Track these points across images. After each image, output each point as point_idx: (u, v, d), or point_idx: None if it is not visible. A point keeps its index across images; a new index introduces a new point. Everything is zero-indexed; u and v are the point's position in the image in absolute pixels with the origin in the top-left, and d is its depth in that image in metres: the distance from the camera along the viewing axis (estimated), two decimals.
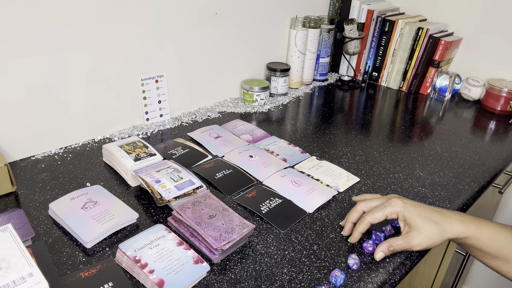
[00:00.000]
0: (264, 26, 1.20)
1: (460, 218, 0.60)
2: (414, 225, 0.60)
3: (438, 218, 0.60)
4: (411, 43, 1.28)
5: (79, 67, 0.85)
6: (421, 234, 0.59)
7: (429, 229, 0.59)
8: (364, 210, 0.66)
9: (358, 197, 0.72)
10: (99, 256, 0.62)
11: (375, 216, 0.63)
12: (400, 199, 0.63)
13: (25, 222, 0.64)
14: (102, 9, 0.83)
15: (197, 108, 1.12)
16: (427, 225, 0.59)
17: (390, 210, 0.62)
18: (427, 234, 0.59)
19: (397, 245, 0.61)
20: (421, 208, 0.61)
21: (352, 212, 0.67)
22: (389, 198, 0.65)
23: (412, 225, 0.60)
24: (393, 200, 0.63)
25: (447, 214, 0.61)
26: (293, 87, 1.31)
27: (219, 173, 0.82)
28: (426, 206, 0.62)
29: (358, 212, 0.66)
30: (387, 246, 0.62)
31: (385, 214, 0.62)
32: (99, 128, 0.94)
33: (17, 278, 0.45)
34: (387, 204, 0.63)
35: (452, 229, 0.59)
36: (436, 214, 0.60)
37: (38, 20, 0.76)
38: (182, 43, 1.01)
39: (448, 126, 1.12)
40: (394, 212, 0.62)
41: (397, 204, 0.62)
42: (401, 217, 0.62)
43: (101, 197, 0.71)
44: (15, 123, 0.81)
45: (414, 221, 0.60)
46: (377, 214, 0.63)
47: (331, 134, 1.03)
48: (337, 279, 0.59)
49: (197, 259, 0.60)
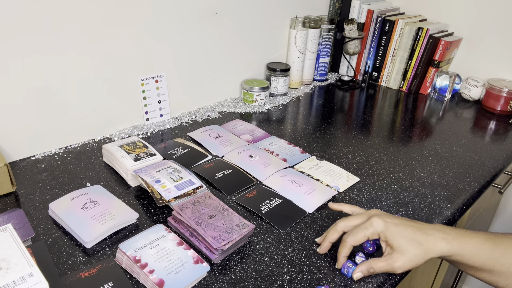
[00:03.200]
0: (264, 26, 1.20)
1: (443, 235, 0.57)
2: (397, 247, 0.57)
3: (421, 238, 0.57)
4: (411, 43, 1.28)
5: (79, 67, 0.85)
6: (404, 256, 0.56)
7: (412, 250, 0.56)
8: (344, 230, 0.62)
9: (336, 206, 0.69)
10: (99, 256, 0.62)
11: (356, 238, 0.60)
12: (381, 218, 0.60)
13: (25, 222, 0.64)
14: (102, 10, 0.83)
15: (197, 108, 1.12)
16: (409, 247, 0.56)
17: (371, 231, 0.59)
18: (410, 256, 0.56)
19: (378, 267, 0.58)
20: (403, 227, 0.58)
21: (331, 231, 0.63)
22: (370, 215, 0.61)
23: (394, 247, 0.57)
24: (374, 220, 0.59)
25: (430, 231, 0.58)
26: (293, 87, 1.31)
27: (219, 173, 0.82)
28: (408, 224, 0.59)
29: (337, 232, 0.63)
30: (367, 267, 0.59)
31: (366, 236, 0.59)
32: (99, 128, 0.94)
33: (17, 278, 0.45)
34: (368, 224, 0.59)
35: (435, 249, 0.56)
36: (419, 234, 0.57)
37: (38, 21, 0.76)
38: (182, 43, 1.01)
39: (448, 126, 1.12)
40: (375, 233, 0.59)
41: (378, 224, 0.59)
42: (382, 237, 0.59)
43: (101, 197, 0.71)
44: (15, 123, 0.81)
45: (396, 243, 0.57)
46: (358, 236, 0.59)
47: (331, 134, 1.03)
48: (349, 270, 0.60)
49: (197, 259, 0.60)
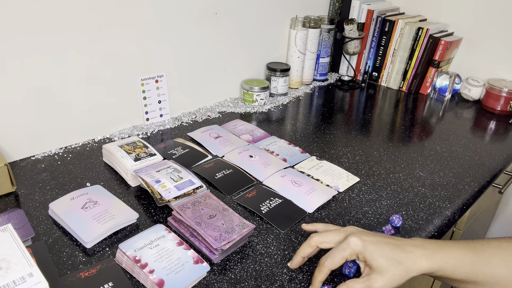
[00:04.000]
0: (264, 26, 1.20)
1: (423, 251, 0.55)
2: (376, 267, 0.54)
3: (400, 256, 0.54)
4: (411, 43, 1.28)
5: (79, 67, 0.85)
6: (384, 277, 0.54)
7: (392, 270, 0.54)
8: (319, 245, 0.59)
9: (309, 226, 0.65)
10: (99, 256, 0.62)
11: (333, 262, 0.56)
12: (358, 236, 0.56)
13: (25, 222, 0.64)
14: (102, 11, 0.83)
15: (197, 108, 1.12)
16: (389, 266, 0.54)
17: (349, 252, 0.56)
18: (390, 277, 0.54)
19: None
20: (382, 246, 0.55)
21: (304, 246, 0.60)
22: (346, 233, 0.58)
23: (373, 267, 0.55)
24: (351, 240, 0.56)
25: (409, 248, 0.55)
26: (293, 87, 1.31)
27: (219, 173, 0.82)
28: (387, 241, 0.56)
29: (311, 246, 0.59)
30: None
31: (344, 258, 0.56)
32: (99, 128, 0.94)
33: (17, 278, 0.45)
34: (345, 245, 0.56)
35: (416, 267, 0.54)
36: (398, 252, 0.55)
37: (37, 21, 0.76)
38: (182, 43, 1.01)
39: (448, 126, 1.12)
40: (353, 254, 0.56)
41: (356, 244, 0.56)
42: (361, 257, 0.56)
43: (101, 197, 0.71)
44: (15, 123, 0.81)
45: (375, 263, 0.54)
46: (335, 259, 0.56)
47: (331, 134, 1.03)
48: (351, 269, 0.60)
49: (197, 259, 0.60)
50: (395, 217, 0.71)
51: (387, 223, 0.73)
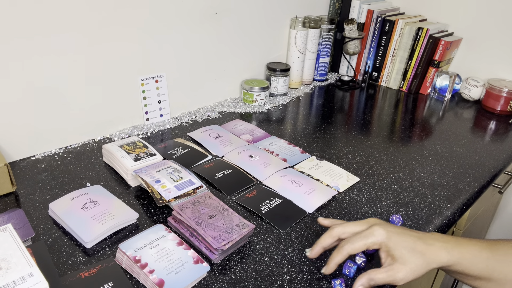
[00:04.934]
0: (264, 26, 1.20)
1: (443, 244, 0.56)
2: (399, 257, 0.55)
3: (422, 248, 0.55)
4: (411, 43, 1.28)
5: (79, 67, 0.85)
6: (406, 267, 0.54)
7: (414, 261, 0.54)
8: (341, 236, 0.59)
9: (327, 221, 0.64)
10: (99, 256, 0.62)
11: (354, 246, 0.56)
12: (382, 227, 0.57)
13: (25, 222, 0.64)
14: (102, 11, 0.83)
15: (197, 108, 1.12)
16: (411, 257, 0.54)
17: (372, 241, 0.56)
18: (412, 267, 0.54)
19: (380, 279, 0.55)
20: (405, 237, 0.56)
21: (325, 237, 0.59)
22: (370, 224, 0.58)
23: (396, 257, 0.55)
24: (375, 229, 0.56)
25: (430, 241, 0.56)
26: (293, 87, 1.31)
27: (219, 173, 0.82)
28: (409, 233, 0.57)
29: (332, 237, 0.59)
30: (367, 279, 0.55)
31: (366, 245, 0.56)
32: (99, 128, 0.94)
33: (17, 278, 0.45)
34: (369, 233, 0.56)
35: (437, 259, 0.55)
36: (420, 243, 0.56)
37: (38, 22, 0.76)
38: (182, 43, 1.01)
39: (448, 126, 1.12)
40: (376, 243, 0.56)
41: (380, 234, 0.56)
42: (384, 247, 0.56)
43: (101, 197, 0.71)
44: (15, 123, 0.81)
45: (398, 253, 0.55)
46: (357, 244, 0.56)
47: (331, 134, 1.03)
48: (351, 270, 0.60)
49: (197, 259, 0.60)
50: (395, 217, 0.71)
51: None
